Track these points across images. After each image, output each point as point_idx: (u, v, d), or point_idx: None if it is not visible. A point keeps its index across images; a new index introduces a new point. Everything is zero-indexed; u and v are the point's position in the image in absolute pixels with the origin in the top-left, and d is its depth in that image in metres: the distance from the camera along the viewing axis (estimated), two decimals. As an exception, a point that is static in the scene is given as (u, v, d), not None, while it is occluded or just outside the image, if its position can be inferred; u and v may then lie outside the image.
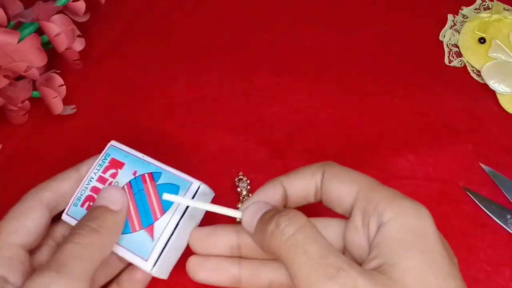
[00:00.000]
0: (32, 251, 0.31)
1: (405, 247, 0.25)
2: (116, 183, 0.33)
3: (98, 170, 0.34)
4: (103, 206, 0.30)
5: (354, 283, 0.24)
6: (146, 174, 0.33)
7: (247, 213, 0.29)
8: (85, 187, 0.34)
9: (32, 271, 0.29)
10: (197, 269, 0.31)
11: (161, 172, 0.33)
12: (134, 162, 0.34)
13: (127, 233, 0.31)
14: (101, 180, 0.34)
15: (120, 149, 0.35)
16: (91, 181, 0.34)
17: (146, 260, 0.30)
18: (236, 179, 0.40)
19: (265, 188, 0.31)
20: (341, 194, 0.29)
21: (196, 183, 0.33)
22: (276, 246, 0.26)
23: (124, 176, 0.34)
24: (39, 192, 0.31)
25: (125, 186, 0.33)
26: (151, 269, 0.30)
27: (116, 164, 0.34)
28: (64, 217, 0.33)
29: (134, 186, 0.33)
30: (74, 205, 0.33)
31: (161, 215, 0.31)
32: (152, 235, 0.31)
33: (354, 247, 0.29)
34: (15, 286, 0.28)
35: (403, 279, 0.24)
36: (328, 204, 0.30)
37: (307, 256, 0.25)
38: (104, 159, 0.35)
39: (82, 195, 0.34)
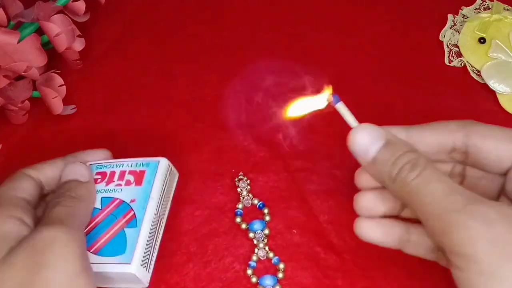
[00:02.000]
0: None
1: None
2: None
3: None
4: (74, 179, 0.34)
5: (485, 215, 0.24)
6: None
7: (361, 136, 0.29)
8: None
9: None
10: (369, 230, 0.31)
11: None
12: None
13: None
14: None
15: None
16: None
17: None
18: (236, 179, 0.40)
19: (385, 128, 0.30)
20: (501, 153, 0.28)
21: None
22: (399, 190, 0.27)
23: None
24: (25, 168, 0.35)
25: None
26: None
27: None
28: None
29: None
30: None
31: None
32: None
33: None
34: (30, 227, 0.31)
35: None
36: (478, 164, 0.29)
37: (432, 197, 0.25)
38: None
39: None
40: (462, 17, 0.49)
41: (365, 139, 0.29)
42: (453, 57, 0.47)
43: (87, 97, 0.45)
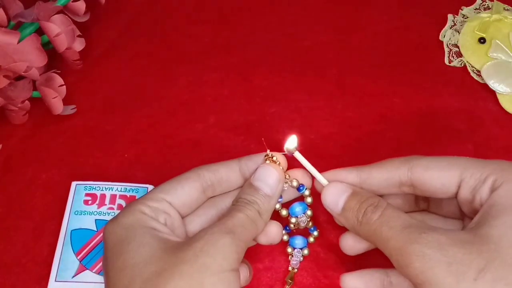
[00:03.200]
0: (181, 215, 0.33)
1: (501, 209, 0.27)
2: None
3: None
4: (259, 188, 0.32)
5: (438, 241, 0.26)
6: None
7: (330, 192, 0.32)
8: None
9: (181, 227, 0.32)
10: (352, 282, 0.34)
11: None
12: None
13: None
14: None
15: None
16: None
17: None
18: None
19: (340, 172, 0.33)
20: (444, 181, 0.30)
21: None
22: (365, 231, 0.30)
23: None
24: (201, 168, 0.33)
25: None
26: None
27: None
28: None
29: None
30: None
31: None
32: None
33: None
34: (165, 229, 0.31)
35: (489, 234, 0.26)
36: (426, 193, 0.31)
37: (392, 232, 0.28)
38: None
39: None
40: (462, 17, 0.49)
41: (334, 194, 0.32)
42: (453, 57, 0.47)
43: (87, 97, 0.45)
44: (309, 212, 0.35)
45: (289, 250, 0.37)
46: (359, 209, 0.30)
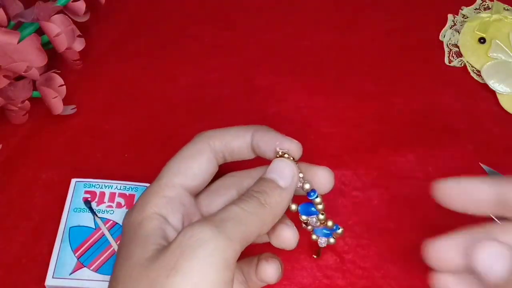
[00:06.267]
0: (196, 195, 0.31)
1: None
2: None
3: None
4: (272, 180, 0.29)
5: None
6: None
7: (492, 257, 0.25)
8: None
9: (195, 214, 0.30)
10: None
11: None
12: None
13: None
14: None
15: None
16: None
17: None
18: None
19: (468, 182, 0.28)
20: None
21: None
22: None
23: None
24: (211, 138, 0.31)
25: None
26: None
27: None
28: None
29: None
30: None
31: None
32: None
33: None
34: (174, 227, 0.28)
35: None
36: None
37: None
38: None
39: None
40: (462, 17, 0.49)
41: (491, 258, 0.25)
42: (453, 57, 0.47)
43: (87, 97, 0.45)
44: (321, 216, 0.32)
45: (314, 237, 0.34)
46: None
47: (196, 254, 0.25)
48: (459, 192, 0.28)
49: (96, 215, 0.37)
